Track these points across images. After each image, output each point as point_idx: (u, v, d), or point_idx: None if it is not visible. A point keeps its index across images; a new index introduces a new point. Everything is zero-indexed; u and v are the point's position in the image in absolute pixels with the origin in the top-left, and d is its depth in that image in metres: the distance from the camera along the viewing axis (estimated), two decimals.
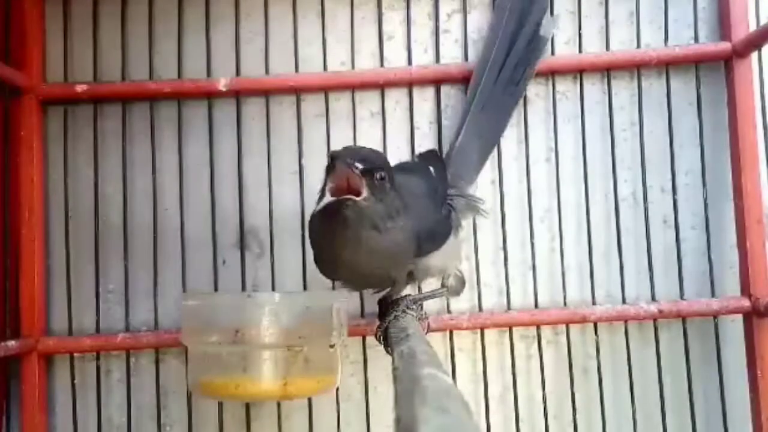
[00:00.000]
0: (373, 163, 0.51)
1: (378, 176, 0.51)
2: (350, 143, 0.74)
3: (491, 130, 0.69)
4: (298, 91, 0.75)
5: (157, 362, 0.73)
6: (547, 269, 0.74)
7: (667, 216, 0.74)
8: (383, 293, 0.63)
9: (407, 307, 0.59)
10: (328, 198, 0.49)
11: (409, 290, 0.63)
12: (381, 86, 0.75)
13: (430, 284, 0.67)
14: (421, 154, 0.70)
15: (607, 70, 0.74)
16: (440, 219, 0.60)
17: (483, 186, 0.73)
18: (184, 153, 0.75)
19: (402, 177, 0.60)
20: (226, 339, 0.54)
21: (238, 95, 0.75)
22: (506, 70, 0.69)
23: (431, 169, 0.64)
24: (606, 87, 0.75)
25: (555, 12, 0.73)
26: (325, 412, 0.72)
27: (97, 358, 0.73)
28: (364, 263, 0.54)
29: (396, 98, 0.76)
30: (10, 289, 0.70)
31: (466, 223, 0.69)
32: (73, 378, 0.72)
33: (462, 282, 0.66)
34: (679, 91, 0.75)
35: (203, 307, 0.56)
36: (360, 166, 0.50)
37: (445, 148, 0.73)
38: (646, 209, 0.73)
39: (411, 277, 0.59)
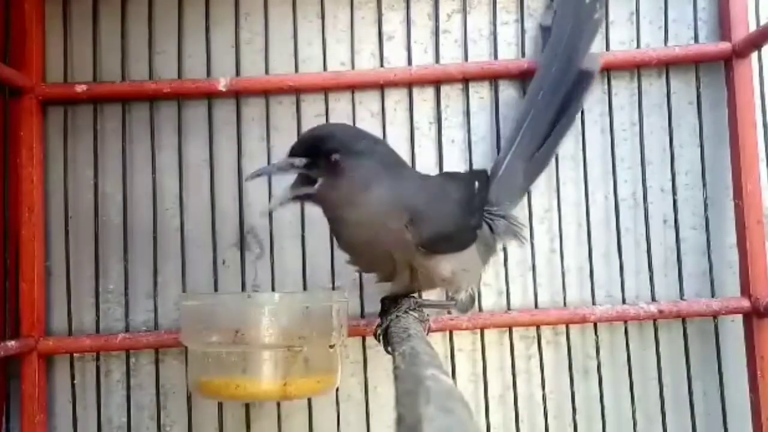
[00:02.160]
0: (320, 149, 0.53)
1: (333, 159, 0.52)
2: None
3: (539, 158, 0.69)
4: (298, 91, 0.75)
5: (156, 362, 0.73)
6: (546, 270, 0.74)
7: (667, 216, 0.74)
8: (389, 287, 0.63)
9: (410, 308, 0.59)
10: (283, 195, 0.54)
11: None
12: (381, 86, 0.75)
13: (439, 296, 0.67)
14: (473, 171, 0.71)
15: (607, 70, 0.74)
16: (463, 227, 0.59)
17: None
18: (184, 153, 0.75)
19: (435, 176, 0.64)
20: (226, 339, 0.54)
21: (238, 95, 0.75)
22: (555, 101, 0.68)
23: (476, 183, 0.64)
24: (606, 87, 0.75)
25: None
26: (325, 412, 0.72)
27: (97, 359, 0.73)
28: (357, 235, 0.55)
29: (396, 98, 0.76)
30: (10, 289, 0.70)
31: (504, 246, 0.69)
32: (73, 378, 0.72)
33: (472, 301, 0.64)
34: (679, 91, 0.75)
35: (203, 307, 0.56)
36: (303, 161, 0.53)
37: (449, 150, 0.74)
38: (646, 209, 0.73)
39: (414, 275, 0.58)
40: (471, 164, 0.74)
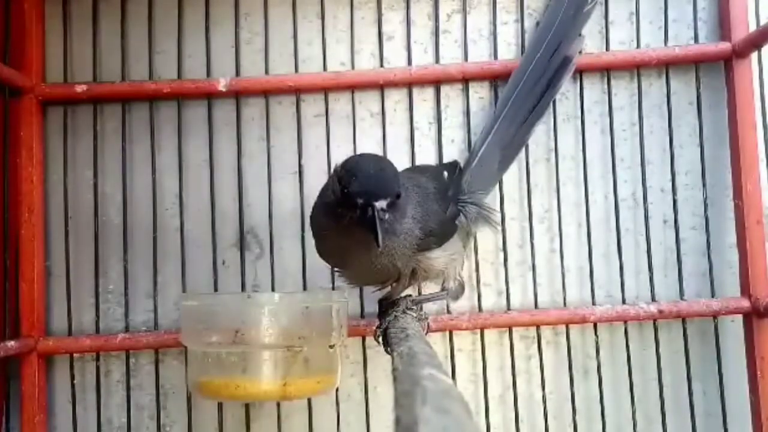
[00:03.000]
0: (394, 193, 0.51)
1: (399, 193, 0.52)
2: (350, 143, 0.75)
3: (514, 144, 0.69)
4: (298, 91, 0.75)
5: (156, 363, 0.73)
6: (546, 270, 0.74)
7: (667, 216, 0.74)
8: (384, 292, 0.63)
9: (407, 308, 0.60)
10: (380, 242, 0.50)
11: (409, 291, 0.64)
12: (381, 86, 0.75)
13: (430, 288, 0.67)
14: (444, 163, 0.72)
15: (607, 70, 0.74)
16: (445, 219, 0.60)
17: None
18: (184, 153, 0.75)
19: (411, 174, 0.63)
20: (226, 339, 0.54)
21: (237, 95, 0.75)
22: (537, 87, 0.69)
23: (445, 173, 0.65)
24: (606, 87, 0.75)
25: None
26: (325, 412, 0.72)
27: (97, 359, 0.73)
28: (376, 260, 0.55)
29: (396, 98, 0.76)
30: (10, 289, 0.70)
31: (477, 232, 0.69)
32: (72, 378, 0.72)
33: (462, 287, 0.66)
34: (679, 91, 0.75)
35: (203, 307, 0.56)
36: (384, 205, 0.50)
37: (449, 150, 0.74)
38: (646, 209, 0.73)
39: (414, 276, 0.59)
40: None
